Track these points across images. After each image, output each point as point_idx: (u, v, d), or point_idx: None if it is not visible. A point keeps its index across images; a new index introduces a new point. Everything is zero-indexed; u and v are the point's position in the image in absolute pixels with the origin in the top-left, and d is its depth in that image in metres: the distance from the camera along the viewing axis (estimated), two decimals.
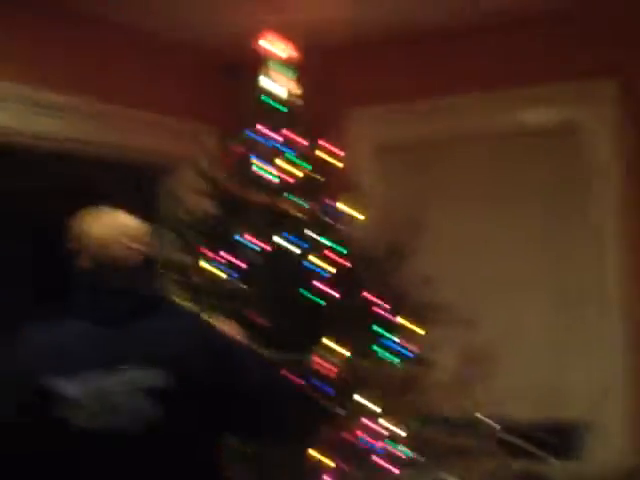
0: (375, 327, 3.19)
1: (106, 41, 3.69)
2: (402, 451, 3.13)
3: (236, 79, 3.35)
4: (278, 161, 3.20)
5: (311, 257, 3.10)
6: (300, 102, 3.27)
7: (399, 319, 3.23)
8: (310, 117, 3.27)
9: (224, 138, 3.43)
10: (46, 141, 3.46)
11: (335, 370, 2.95)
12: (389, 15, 3.81)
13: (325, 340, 3.01)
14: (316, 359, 2.94)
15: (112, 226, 2.27)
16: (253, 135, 3.25)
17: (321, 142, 3.28)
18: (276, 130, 3.24)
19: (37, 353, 2.15)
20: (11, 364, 2.17)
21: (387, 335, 3.19)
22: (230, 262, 3.11)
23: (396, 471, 3.08)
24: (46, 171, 4.38)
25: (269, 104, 3.26)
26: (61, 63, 3.47)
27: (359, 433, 3.08)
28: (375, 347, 3.15)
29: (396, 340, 3.20)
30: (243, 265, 3.09)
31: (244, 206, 3.17)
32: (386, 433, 3.11)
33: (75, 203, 4.54)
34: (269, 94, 3.26)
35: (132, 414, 2.06)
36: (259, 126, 3.24)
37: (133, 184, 4.45)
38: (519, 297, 3.91)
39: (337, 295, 3.09)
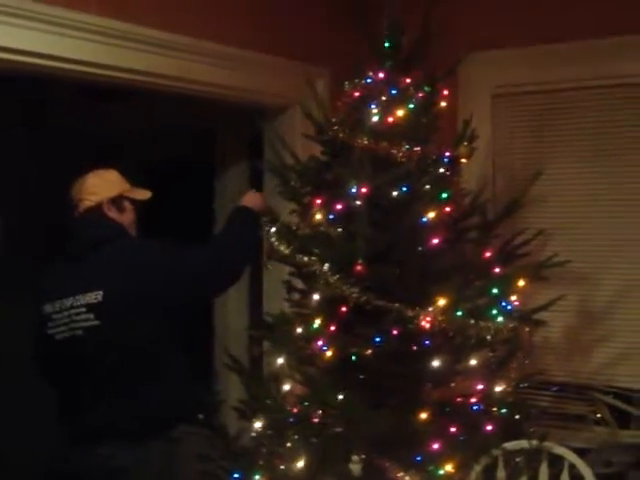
0: (482, 282, 3.09)
1: None
2: (504, 413, 3.04)
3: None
4: (391, 107, 3.08)
5: (417, 206, 3.00)
6: (417, 46, 3.13)
7: (508, 274, 3.11)
8: (427, 62, 3.14)
9: (337, 81, 3.33)
10: (160, 80, 3.42)
11: (437, 324, 2.86)
12: None
13: (427, 292, 2.93)
14: (416, 311, 2.86)
15: (78, 185, 3.05)
16: (368, 80, 3.15)
17: (437, 87, 3.16)
18: (391, 75, 3.13)
19: (40, 286, 3.05)
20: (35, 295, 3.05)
21: (495, 291, 3.07)
22: (334, 208, 3.03)
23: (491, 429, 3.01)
24: (160, 111, 4.42)
25: (385, 48, 3.15)
26: (177, 5, 3.43)
27: (466, 394, 3.01)
28: (482, 303, 3.04)
29: (505, 296, 3.08)
30: (347, 212, 3.00)
31: (352, 152, 3.07)
32: (492, 394, 3.02)
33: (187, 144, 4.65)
34: (387, 37, 3.14)
35: (80, 324, 2.86)
36: (374, 70, 3.14)
37: (242, 125, 4.44)
38: (637, 254, 3.68)
39: (441, 245, 2.99)
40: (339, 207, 3.02)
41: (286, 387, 3.11)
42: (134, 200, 3.13)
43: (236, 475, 3.13)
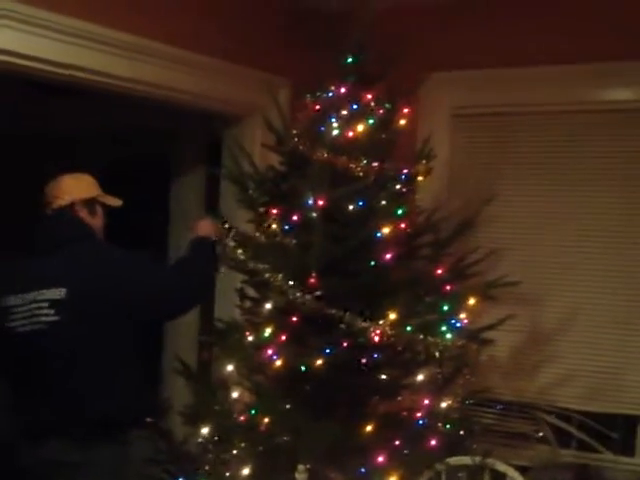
0: (432, 299, 3.13)
1: None
2: (449, 429, 3.08)
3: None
4: (352, 122, 3.11)
5: (372, 220, 3.03)
6: (380, 63, 3.17)
7: (458, 292, 3.16)
8: (389, 79, 3.17)
9: (299, 92, 3.35)
10: (118, 82, 3.42)
11: (386, 338, 2.89)
12: None
13: (378, 306, 2.96)
14: (367, 323, 2.89)
15: (53, 184, 3.09)
16: (330, 93, 3.17)
17: (397, 105, 3.20)
18: (353, 90, 3.16)
19: (3, 278, 3.07)
20: None
21: (445, 308, 3.11)
22: (290, 219, 3.05)
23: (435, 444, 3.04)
24: (118, 111, 4.40)
25: (348, 63, 3.19)
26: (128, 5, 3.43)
27: (412, 409, 3.04)
28: (431, 319, 3.08)
29: (454, 314, 3.12)
30: (303, 223, 3.02)
31: (311, 164, 3.09)
32: (437, 409, 3.06)
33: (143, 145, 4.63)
34: (350, 53, 3.17)
35: (41, 319, 2.90)
36: (336, 84, 3.17)
37: (202, 129, 4.44)
38: (585, 278, 3.76)
39: (394, 260, 3.02)
40: (295, 218, 3.05)
41: (234, 394, 3.13)
42: (105, 206, 3.17)
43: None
